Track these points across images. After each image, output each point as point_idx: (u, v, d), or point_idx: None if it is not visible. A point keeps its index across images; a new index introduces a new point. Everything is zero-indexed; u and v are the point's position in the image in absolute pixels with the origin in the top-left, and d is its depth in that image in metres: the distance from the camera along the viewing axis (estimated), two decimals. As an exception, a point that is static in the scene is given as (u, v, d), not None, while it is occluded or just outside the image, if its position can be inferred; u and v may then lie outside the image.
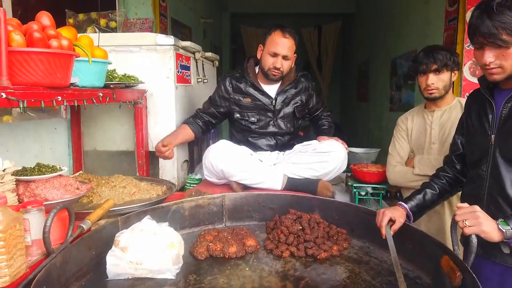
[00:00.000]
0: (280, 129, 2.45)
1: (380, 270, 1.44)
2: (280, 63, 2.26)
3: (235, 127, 2.52)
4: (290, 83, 2.45)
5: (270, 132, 2.43)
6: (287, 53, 2.26)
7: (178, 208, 1.80)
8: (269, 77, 2.33)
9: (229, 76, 2.46)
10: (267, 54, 2.29)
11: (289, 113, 2.47)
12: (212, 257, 1.55)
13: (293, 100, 2.48)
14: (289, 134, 2.47)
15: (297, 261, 1.53)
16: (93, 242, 1.39)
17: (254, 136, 2.44)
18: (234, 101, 2.45)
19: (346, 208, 1.78)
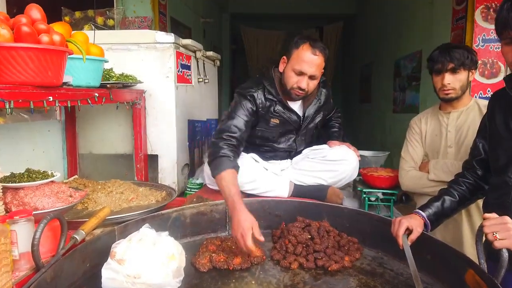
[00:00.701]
0: (300, 146, 2.26)
1: (396, 284, 1.36)
2: (306, 84, 1.95)
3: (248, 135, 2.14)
4: (315, 97, 2.19)
5: (287, 149, 2.25)
6: (315, 73, 1.94)
7: (178, 216, 1.72)
8: (291, 96, 2.04)
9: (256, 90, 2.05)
10: (291, 71, 1.96)
11: (312, 127, 2.27)
12: (215, 269, 1.47)
13: (317, 114, 2.26)
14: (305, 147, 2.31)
15: (306, 273, 1.45)
16: (87, 254, 1.30)
17: (268, 149, 2.24)
18: (263, 119, 2.09)
19: (358, 215, 1.70)
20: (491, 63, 3.49)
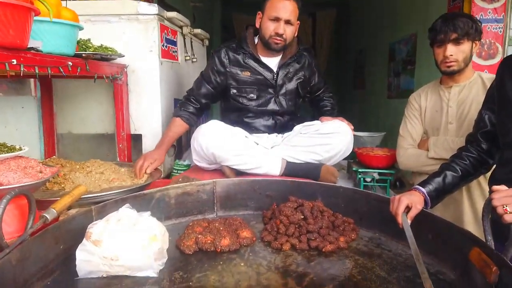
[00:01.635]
0: (281, 107, 2.27)
1: (395, 265, 1.30)
2: (283, 29, 2.08)
3: (229, 105, 2.33)
4: (292, 57, 2.27)
5: (269, 111, 2.26)
6: (289, 17, 2.07)
7: (162, 196, 1.64)
8: (271, 47, 2.14)
9: (225, 47, 2.24)
10: (267, 20, 2.09)
11: (291, 89, 2.29)
12: (201, 251, 1.40)
13: (296, 75, 2.30)
14: (290, 113, 2.29)
15: (299, 254, 1.39)
16: (60, 235, 1.22)
17: (251, 116, 2.27)
18: (231, 75, 2.22)
19: (354, 195, 1.63)
20: (489, 44, 3.43)
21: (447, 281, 1.18)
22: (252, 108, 2.25)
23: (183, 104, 2.28)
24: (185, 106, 2.26)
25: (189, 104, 2.27)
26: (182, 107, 2.26)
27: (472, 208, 1.79)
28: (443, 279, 1.19)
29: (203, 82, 2.28)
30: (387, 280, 1.20)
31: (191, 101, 2.28)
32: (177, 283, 1.18)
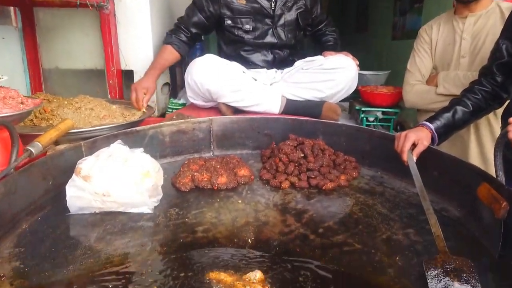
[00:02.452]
0: (280, 39, 2.15)
1: (398, 202, 1.28)
2: None
3: (224, 38, 2.21)
4: None
5: (268, 44, 2.14)
6: None
7: (156, 134, 1.59)
8: None
9: None
10: None
11: (291, 20, 2.15)
12: (198, 189, 1.38)
13: (296, 4, 2.15)
14: (290, 47, 2.17)
15: (298, 192, 1.37)
16: (48, 170, 1.18)
17: (248, 50, 2.15)
18: (225, 4, 2.09)
19: (357, 132, 1.59)
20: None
21: (452, 218, 1.17)
22: (249, 40, 2.13)
23: (175, 32, 2.17)
24: (176, 34, 2.15)
25: (181, 33, 2.16)
26: (173, 34, 2.16)
27: (479, 147, 1.75)
28: (448, 216, 1.18)
29: (195, 10, 2.15)
30: (389, 217, 1.18)
31: (182, 30, 2.17)
32: (173, 219, 1.17)
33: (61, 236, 1.05)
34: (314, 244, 1.04)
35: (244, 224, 1.14)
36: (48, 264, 0.93)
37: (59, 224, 1.10)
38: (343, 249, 1.02)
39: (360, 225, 1.14)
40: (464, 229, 1.10)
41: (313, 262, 0.96)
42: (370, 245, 1.03)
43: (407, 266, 0.94)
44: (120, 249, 1.01)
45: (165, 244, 1.03)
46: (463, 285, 0.81)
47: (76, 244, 1.02)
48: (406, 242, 1.05)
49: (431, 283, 0.83)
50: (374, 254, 1.00)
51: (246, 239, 1.06)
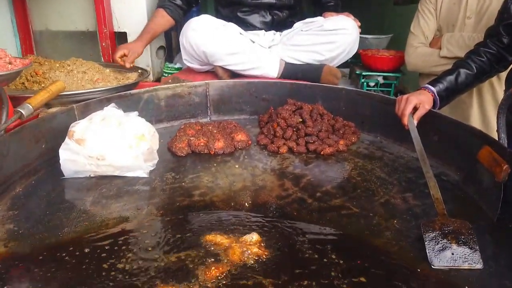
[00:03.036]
0: (280, 0, 2.07)
1: (396, 167, 1.28)
2: None
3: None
4: None
5: (266, 4, 2.05)
6: None
7: (151, 97, 1.56)
8: None
9: None
10: None
11: None
12: (194, 154, 1.36)
13: None
14: (289, 8, 2.10)
15: (296, 157, 1.36)
16: (41, 133, 1.16)
17: (245, 11, 2.07)
18: None
19: (357, 97, 1.56)
20: None
21: (451, 182, 1.16)
22: (246, 1, 2.05)
23: None
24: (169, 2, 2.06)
25: None
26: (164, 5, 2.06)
27: (481, 111, 1.73)
28: (447, 180, 1.18)
29: None
30: (388, 181, 1.18)
31: None
32: (169, 183, 1.16)
33: (56, 199, 1.05)
34: (311, 207, 1.04)
35: (241, 188, 1.14)
36: (42, 227, 0.93)
37: (54, 188, 1.10)
38: (340, 212, 1.02)
39: (358, 189, 1.14)
40: (463, 193, 1.10)
41: (310, 225, 0.97)
42: (368, 209, 1.03)
43: (405, 229, 0.94)
44: (115, 212, 1.00)
45: (161, 207, 1.03)
46: (461, 247, 0.82)
47: (71, 208, 1.01)
48: (404, 205, 1.05)
49: (428, 245, 0.83)
50: (372, 217, 1.00)
51: (243, 202, 1.06)
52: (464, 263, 0.79)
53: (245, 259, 0.83)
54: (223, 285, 0.76)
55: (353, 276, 0.78)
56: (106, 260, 0.81)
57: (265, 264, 0.82)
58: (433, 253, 0.82)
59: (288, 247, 0.87)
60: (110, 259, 0.81)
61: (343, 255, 0.84)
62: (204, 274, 0.79)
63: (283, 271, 0.79)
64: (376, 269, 0.80)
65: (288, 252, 0.85)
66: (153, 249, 0.86)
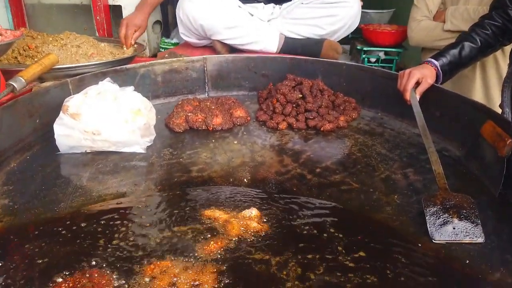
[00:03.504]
0: None
1: (398, 142, 1.26)
2: None
3: None
4: None
5: None
6: None
7: (147, 72, 1.53)
8: None
9: None
10: None
11: None
12: (192, 130, 1.35)
13: None
14: None
15: (296, 133, 1.34)
16: (34, 107, 1.14)
17: None
18: None
19: (358, 72, 1.53)
20: None
21: (453, 158, 1.15)
22: None
23: None
24: None
25: None
26: None
27: (484, 86, 1.71)
28: (449, 155, 1.17)
29: None
30: (389, 157, 1.17)
31: None
32: (167, 159, 1.15)
33: (51, 174, 1.03)
34: (311, 183, 1.03)
35: (240, 164, 1.13)
36: (38, 202, 0.92)
37: (49, 163, 1.08)
38: (340, 188, 1.01)
39: (358, 165, 1.13)
40: (465, 169, 1.09)
41: (310, 200, 0.96)
42: (368, 184, 1.02)
43: (405, 204, 0.94)
44: (112, 187, 0.99)
45: (159, 183, 1.02)
46: (462, 221, 0.81)
47: (67, 183, 1.00)
48: (405, 181, 1.04)
49: (429, 219, 0.82)
50: (372, 192, 0.99)
51: (242, 178, 1.05)
52: (466, 237, 0.79)
53: (244, 234, 0.83)
54: (221, 259, 0.75)
55: (353, 251, 0.77)
56: (102, 235, 0.81)
57: (264, 239, 0.81)
58: (434, 227, 0.81)
59: (287, 223, 0.87)
60: (107, 234, 0.81)
61: (343, 230, 0.83)
62: (202, 249, 0.79)
63: (282, 246, 0.79)
64: (376, 244, 0.80)
65: (288, 228, 0.85)
66: (151, 224, 0.85)
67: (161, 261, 0.74)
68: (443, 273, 0.73)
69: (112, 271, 0.71)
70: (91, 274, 0.70)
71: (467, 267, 0.74)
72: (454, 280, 0.72)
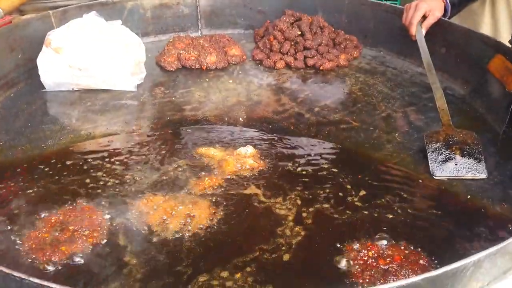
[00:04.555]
0: None
1: (400, 81, 1.23)
2: None
3: None
4: None
5: None
6: None
7: (136, 7, 1.45)
8: None
9: None
10: None
11: None
12: (185, 69, 1.30)
13: None
14: None
15: (294, 73, 1.30)
16: (16, 41, 1.09)
17: None
18: None
19: (361, 7, 1.46)
20: None
21: (457, 96, 1.12)
22: None
23: None
24: None
25: None
26: None
27: (493, 22, 1.62)
28: (452, 94, 1.13)
29: None
30: (390, 96, 1.14)
31: None
32: (158, 98, 1.12)
33: (37, 112, 1.00)
34: (309, 122, 1.01)
35: (235, 103, 1.10)
36: (24, 139, 0.89)
37: (35, 100, 1.05)
38: (339, 126, 1.00)
39: (358, 104, 1.10)
40: (469, 107, 1.07)
41: (308, 139, 0.94)
42: (368, 123, 1.01)
43: (406, 142, 0.92)
44: (102, 126, 0.97)
45: (151, 121, 1.00)
46: (465, 157, 0.79)
47: (54, 121, 0.97)
48: (406, 119, 1.02)
49: (431, 156, 0.81)
50: (373, 131, 0.97)
51: (237, 117, 1.03)
52: (468, 173, 0.78)
53: (239, 171, 0.82)
54: (216, 195, 0.74)
55: (352, 189, 0.77)
56: (92, 172, 0.79)
57: (261, 176, 0.80)
58: (435, 164, 0.80)
59: (284, 161, 0.85)
60: (97, 172, 0.79)
61: (341, 169, 0.82)
62: (196, 185, 0.77)
63: (279, 183, 0.78)
64: (376, 181, 0.79)
65: (285, 166, 0.84)
66: (142, 161, 0.83)
67: (153, 196, 0.73)
68: (445, 207, 0.73)
69: (103, 206, 0.71)
70: (82, 209, 0.69)
71: (468, 201, 0.74)
72: (456, 213, 0.72)
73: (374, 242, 0.63)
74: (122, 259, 0.62)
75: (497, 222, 0.68)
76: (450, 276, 0.41)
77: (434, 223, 0.69)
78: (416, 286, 0.39)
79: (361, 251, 0.60)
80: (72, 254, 0.61)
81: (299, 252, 0.63)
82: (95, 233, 0.64)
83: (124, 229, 0.67)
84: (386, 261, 0.58)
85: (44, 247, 0.61)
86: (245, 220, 0.69)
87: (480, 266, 0.43)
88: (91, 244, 0.63)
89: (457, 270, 0.41)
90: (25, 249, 0.62)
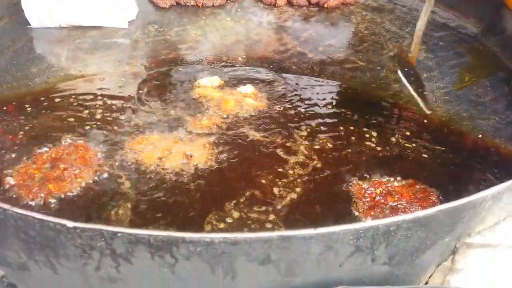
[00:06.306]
0: None
1: (409, 19, 1.17)
2: None
3: None
4: None
5: None
6: None
7: None
8: None
9: None
10: None
11: None
12: (179, 6, 1.23)
13: None
14: None
15: (296, 11, 1.23)
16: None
17: None
18: None
19: None
20: None
21: (469, 35, 1.07)
22: None
23: None
24: None
25: None
26: None
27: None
28: (465, 33, 1.08)
29: None
30: (398, 34, 1.09)
31: None
32: (152, 36, 1.06)
33: (23, 49, 0.95)
34: (312, 61, 0.97)
35: (234, 42, 1.05)
36: (10, 77, 0.85)
37: (20, 37, 0.99)
38: (344, 66, 0.95)
39: (365, 43, 1.05)
40: (482, 45, 1.02)
41: (311, 78, 0.90)
42: (375, 62, 0.96)
43: (414, 81, 0.88)
44: (93, 64, 0.92)
45: (144, 60, 0.95)
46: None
47: (41, 59, 0.92)
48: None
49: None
50: (380, 70, 0.93)
51: (236, 57, 0.98)
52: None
53: (239, 111, 0.78)
54: (215, 134, 0.72)
55: (357, 128, 0.74)
56: (83, 111, 0.76)
57: (261, 116, 0.77)
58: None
59: (286, 101, 0.82)
60: (89, 110, 0.76)
61: (347, 108, 0.80)
62: (194, 124, 0.74)
63: (280, 123, 0.76)
64: (383, 120, 0.76)
65: (286, 105, 0.81)
66: (136, 101, 0.80)
67: (149, 135, 0.70)
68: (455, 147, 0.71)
69: (95, 145, 0.68)
70: (75, 146, 0.66)
71: (479, 140, 0.72)
72: (467, 152, 0.71)
73: (382, 180, 0.61)
74: (114, 197, 0.60)
75: (509, 161, 0.67)
76: (468, 208, 0.39)
77: (444, 162, 0.68)
78: (432, 218, 0.37)
79: (368, 188, 0.58)
80: (59, 192, 0.59)
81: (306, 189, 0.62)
82: (86, 172, 0.62)
83: (119, 167, 0.64)
84: (395, 198, 0.56)
85: (31, 183, 0.59)
86: (246, 160, 0.67)
87: (499, 198, 0.42)
88: (79, 184, 0.61)
89: (476, 201, 0.39)
90: (11, 185, 0.60)
